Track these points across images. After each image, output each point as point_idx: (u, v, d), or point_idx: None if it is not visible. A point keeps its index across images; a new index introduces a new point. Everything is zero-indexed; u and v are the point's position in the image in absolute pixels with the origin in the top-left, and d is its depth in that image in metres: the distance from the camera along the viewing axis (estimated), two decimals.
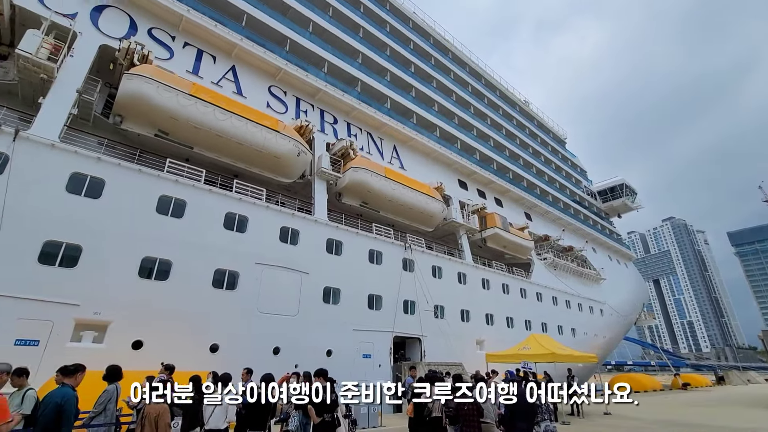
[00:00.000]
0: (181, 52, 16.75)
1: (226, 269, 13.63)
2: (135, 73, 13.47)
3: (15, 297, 9.68)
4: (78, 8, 14.19)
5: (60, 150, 11.59)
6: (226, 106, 15.33)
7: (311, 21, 22.51)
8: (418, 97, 28.08)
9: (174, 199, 13.27)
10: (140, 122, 14.05)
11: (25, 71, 11.94)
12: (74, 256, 10.98)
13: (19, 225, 10.18)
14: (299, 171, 17.92)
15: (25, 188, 10.60)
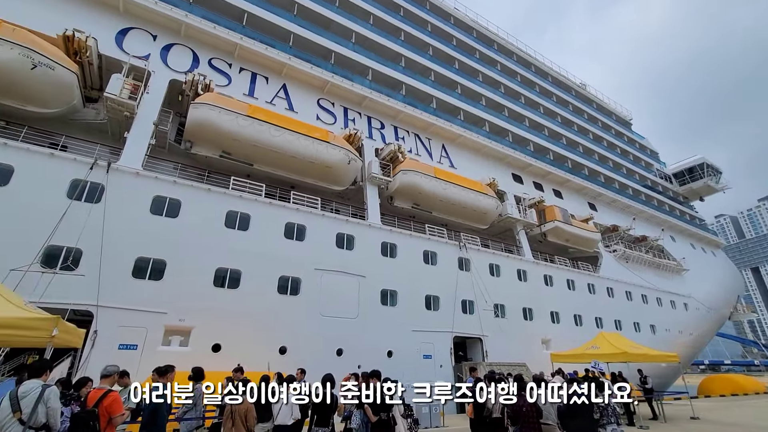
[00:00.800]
0: (237, 77, 18.13)
1: (289, 276, 14.51)
2: (200, 102, 14.88)
3: (117, 308, 11.14)
4: (150, 49, 16.00)
5: (143, 177, 13.15)
6: (280, 123, 16.35)
7: (353, 32, 23.17)
8: (464, 93, 27.63)
9: (239, 214, 14.42)
10: (207, 145, 15.47)
11: (112, 110, 13.73)
12: (160, 270, 12.38)
13: (116, 245, 11.70)
14: (351, 178, 18.54)
15: (118, 213, 12.18)
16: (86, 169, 12.15)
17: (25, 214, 11.00)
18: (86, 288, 10.92)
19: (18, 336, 5.09)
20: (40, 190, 11.48)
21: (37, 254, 10.44)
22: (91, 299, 10.89)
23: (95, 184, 12.10)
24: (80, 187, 11.89)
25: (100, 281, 11.05)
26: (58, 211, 11.19)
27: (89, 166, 12.20)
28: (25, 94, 12.50)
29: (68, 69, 12.90)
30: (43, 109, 12.96)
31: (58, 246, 10.98)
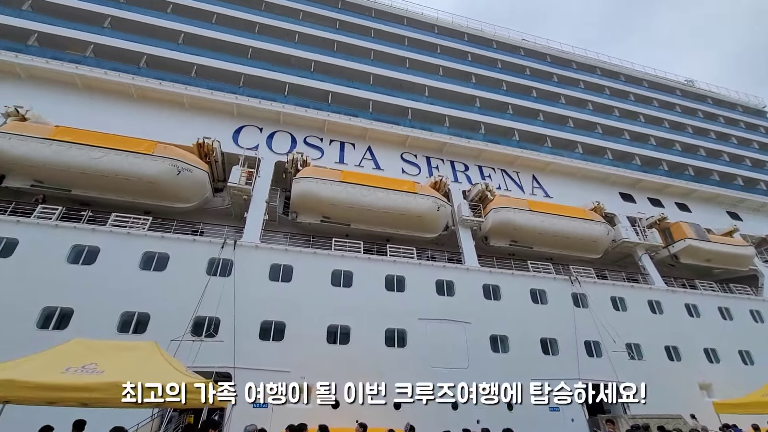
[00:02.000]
0: (328, 148, 20.27)
1: (395, 328, 14.74)
2: (300, 176, 16.90)
3: (249, 368, 12.46)
4: (258, 140, 18.99)
5: (261, 249, 15.09)
6: (369, 183, 17.59)
7: (425, 86, 24.53)
8: (548, 119, 26.62)
9: (343, 272, 15.44)
10: (309, 213, 17.25)
11: (234, 196, 16.35)
12: (281, 330, 13.66)
13: (245, 311, 13.36)
14: (442, 224, 18.70)
15: (245, 283, 14.00)
16: (218, 248, 14.44)
17: (178, 291, 13.32)
18: (225, 352, 12.51)
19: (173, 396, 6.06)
20: (187, 270, 13.89)
21: (188, 325, 12.44)
22: (229, 362, 12.40)
23: (226, 260, 14.25)
24: (215, 264, 14.10)
25: (235, 345, 12.59)
26: (200, 286, 13.36)
27: (220, 246, 14.48)
28: (173, 195, 15.69)
29: (202, 170, 15.97)
30: (186, 204, 16.05)
31: (203, 316, 12.95)
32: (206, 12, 22.95)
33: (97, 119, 16.70)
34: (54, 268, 12.75)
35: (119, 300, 12.65)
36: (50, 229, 13.36)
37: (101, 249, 13.39)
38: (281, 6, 25.35)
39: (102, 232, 13.74)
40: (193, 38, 21.28)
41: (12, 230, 12.95)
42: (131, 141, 15.40)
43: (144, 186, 15.12)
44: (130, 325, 12.49)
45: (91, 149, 14.56)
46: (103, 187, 15.11)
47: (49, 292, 12.27)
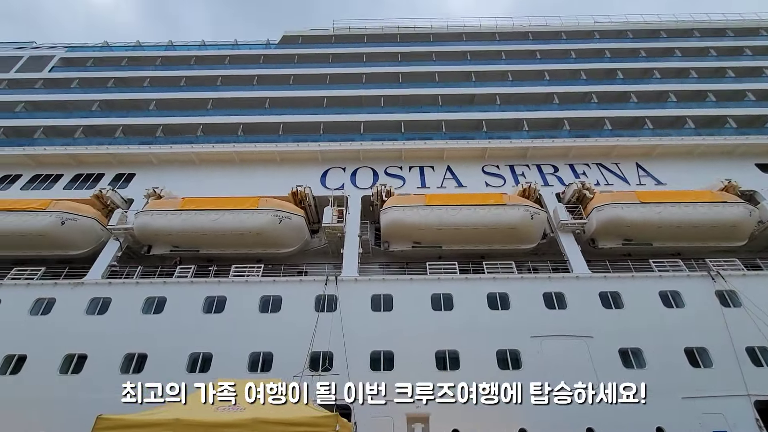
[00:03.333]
0: (409, 175, 20.71)
1: (506, 348, 13.91)
2: (387, 207, 17.47)
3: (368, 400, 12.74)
4: (343, 179, 20.25)
5: (360, 281, 15.71)
6: (454, 202, 17.42)
7: (496, 95, 23.96)
8: (642, 99, 23.87)
9: (442, 295, 15.23)
10: (400, 241, 17.60)
11: (330, 235, 17.49)
12: (390, 359, 13.84)
13: (354, 344, 13.86)
14: (539, 232, 17.55)
15: (350, 316, 14.61)
16: (323, 285, 15.41)
17: (293, 329, 14.40)
18: (342, 385, 13.03)
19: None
20: (298, 309, 15.02)
21: (306, 361, 13.32)
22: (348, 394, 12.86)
23: (331, 296, 15.11)
24: (322, 301, 15.02)
25: (350, 377, 13.06)
26: (311, 323, 14.30)
27: (324, 283, 15.45)
28: (278, 242, 17.36)
29: (299, 215, 17.49)
30: (289, 248, 17.62)
31: (317, 351, 13.76)
32: (284, 75, 25.84)
33: (211, 185, 19.54)
34: (193, 318, 14.83)
35: (247, 342, 14.12)
36: (187, 286, 15.68)
37: (227, 298, 15.25)
38: (347, 54, 27.41)
39: (226, 283, 15.68)
40: (277, 101, 24.04)
41: (161, 290, 15.48)
42: (239, 200, 17.59)
43: (253, 237, 17.02)
44: (258, 364, 13.80)
45: (210, 213, 16.97)
46: (223, 244, 17.38)
47: (192, 340, 14.24)
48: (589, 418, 12.57)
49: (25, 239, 16.99)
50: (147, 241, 17.78)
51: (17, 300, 15.20)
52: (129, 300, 15.21)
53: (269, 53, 28.13)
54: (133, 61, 28.39)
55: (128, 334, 14.37)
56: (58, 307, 15.09)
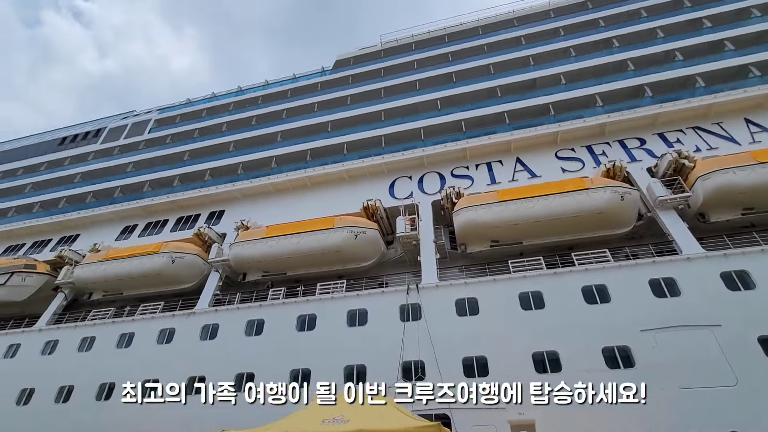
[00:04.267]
0: (476, 173, 20.12)
1: (613, 345, 12.61)
2: (458, 209, 17.12)
3: (463, 408, 12.39)
4: (411, 187, 20.33)
5: (441, 287, 15.48)
6: (529, 194, 16.47)
7: (560, 74, 22.46)
8: (741, 45, 20.53)
9: (530, 293, 14.36)
10: (476, 241, 17.09)
11: (405, 244, 17.60)
12: (483, 364, 13.33)
13: (444, 351, 13.62)
14: (632, 213, 15.82)
15: (435, 323, 14.41)
16: (404, 295, 15.48)
17: (381, 341, 14.59)
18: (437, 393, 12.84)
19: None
20: (383, 320, 15.22)
21: (398, 372, 13.40)
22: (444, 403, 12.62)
23: (414, 304, 15.09)
24: (405, 310, 15.06)
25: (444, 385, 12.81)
26: (397, 333, 14.40)
27: (405, 292, 15.50)
28: (356, 257, 17.91)
29: (373, 228, 17.89)
30: (367, 262, 18.06)
31: (408, 361, 13.78)
32: (341, 97, 26.99)
33: (290, 211, 20.89)
34: (289, 336, 15.80)
35: (340, 356, 14.64)
36: (280, 306, 16.80)
37: (317, 315, 16.03)
38: (398, 65, 27.86)
39: (314, 301, 16.51)
40: (338, 122, 25.12)
41: (258, 313, 16.79)
42: (316, 221, 18.55)
43: (333, 255, 17.76)
44: (353, 377, 14.21)
45: (292, 237, 18.12)
46: (306, 264, 18.40)
47: (290, 357, 15.15)
48: (732, 419, 10.82)
49: (145, 279, 19.69)
50: (242, 269, 19.49)
51: (147, 332, 17.58)
52: (233, 324, 16.73)
53: (325, 79, 29.63)
54: (210, 111, 31.83)
55: (236, 355, 15.79)
56: (178, 335, 17.14)
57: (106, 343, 17.72)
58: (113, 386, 16.25)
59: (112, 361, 17.10)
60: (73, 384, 16.75)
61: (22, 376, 17.73)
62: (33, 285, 21.76)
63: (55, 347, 18.39)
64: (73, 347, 18.05)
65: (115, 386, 16.22)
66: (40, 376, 17.48)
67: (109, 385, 16.34)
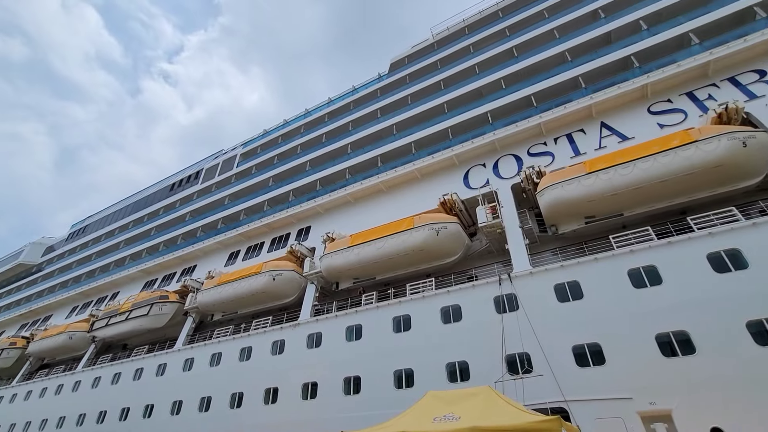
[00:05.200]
0: (556, 148, 18.64)
1: (761, 318, 10.66)
2: (541, 189, 16.02)
3: (583, 400, 11.48)
4: (486, 175, 19.55)
5: (536, 273, 14.58)
6: (623, 158, 14.77)
7: (639, 19, 19.84)
8: None
9: (641, 269, 12.82)
10: (568, 220, 15.81)
11: (489, 234, 16.98)
12: (598, 352, 12.19)
13: (550, 339, 12.79)
14: (762, 161, 13.26)
15: (535, 311, 13.59)
16: (497, 286, 14.91)
17: (478, 335, 14.21)
18: (549, 386, 12.09)
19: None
20: (479, 314, 14.81)
21: (503, 365, 12.91)
22: (557, 395, 11.83)
23: (508, 294, 14.46)
24: (500, 301, 14.49)
25: (556, 377, 12.02)
26: (495, 325, 13.90)
27: (498, 283, 14.92)
28: (440, 253, 17.75)
29: (453, 222, 17.58)
30: (453, 257, 17.79)
31: (512, 354, 13.21)
32: (401, 98, 27.12)
33: (370, 217, 21.51)
34: (387, 338, 16.19)
35: (439, 354, 14.59)
36: (375, 311, 17.31)
37: (411, 315, 16.21)
38: (453, 53, 27.17)
39: (407, 302, 16.71)
40: (402, 123, 25.31)
41: (355, 318, 17.51)
42: (397, 223, 18.82)
43: (417, 254, 17.82)
44: (456, 374, 14.05)
45: (375, 242, 18.60)
46: (393, 267, 18.73)
47: (391, 359, 15.49)
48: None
49: (253, 297, 21.81)
50: (333, 279, 20.55)
51: (262, 344, 19.42)
52: (334, 331, 17.69)
53: (383, 84, 30.07)
54: (285, 136, 34.33)
55: (340, 360, 16.65)
56: (288, 345, 18.63)
57: (231, 357, 19.97)
58: (242, 395, 18.25)
59: (238, 373, 19.21)
60: (210, 395, 19.16)
61: (172, 390, 20.80)
62: (168, 312, 25.49)
63: (192, 364, 21.25)
64: (205, 363, 20.69)
65: (243, 395, 18.21)
66: (185, 389, 20.33)
67: (239, 395, 18.37)
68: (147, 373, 22.75)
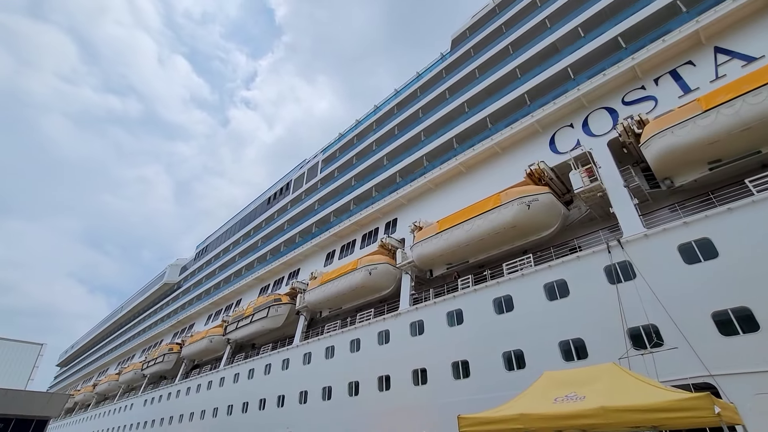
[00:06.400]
0: (659, 89, 16.15)
1: None
2: (646, 139, 14.04)
3: (739, 373, 9.90)
4: (575, 135, 17.78)
5: (653, 236, 12.87)
6: (750, 85, 12.19)
7: None
8: None
9: None
10: (686, 169, 13.67)
11: (588, 199, 15.45)
12: (747, 318, 10.38)
13: (678, 307, 11.25)
14: None
15: (656, 277, 12.05)
16: (605, 254, 13.54)
17: (592, 310, 13.09)
18: (685, 359, 10.66)
19: (678, 418, 5.33)
20: (587, 287, 13.63)
21: (626, 340, 11.73)
22: (699, 370, 10.38)
23: (622, 262, 13.04)
24: (613, 271, 13.13)
25: (695, 349, 10.54)
26: (608, 298, 12.66)
27: (606, 251, 13.55)
28: (535, 227, 16.68)
29: (545, 192, 16.39)
30: (549, 229, 16.61)
31: (635, 327, 11.93)
32: (468, 74, 25.96)
33: (453, 201, 21.13)
34: (490, 321, 15.82)
35: (549, 332, 13.83)
36: (473, 294, 17.03)
37: (512, 295, 15.60)
38: (517, 13, 25.07)
39: (505, 282, 16.12)
40: (472, 99, 24.22)
41: (454, 303, 17.42)
42: (482, 203, 18.20)
43: (510, 232, 17.02)
44: (572, 353, 13.17)
45: (463, 225, 18.23)
46: (485, 248, 18.17)
47: (497, 341, 15.13)
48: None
49: (353, 292, 23.04)
50: (426, 267, 20.69)
51: (368, 335, 20.45)
52: (435, 318, 17.86)
53: (447, 63, 29.08)
54: (359, 135, 35.36)
55: (445, 345, 16.75)
56: (392, 335, 19.32)
57: (343, 349, 21.42)
58: (358, 384, 19.49)
59: (351, 363, 20.54)
60: (330, 385, 20.83)
61: (297, 382, 23.11)
62: (283, 313, 28.26)
63: (310, 358, 23.31)
64: (321, 356, 22.52)
65: (359, 383, 19.44)
66: (308, 380, 22.41)
67: (355, 383, 19.66)
68: (274, 368, 25.59)
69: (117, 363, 59.85)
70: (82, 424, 55.26)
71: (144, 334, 54.85)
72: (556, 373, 7.72)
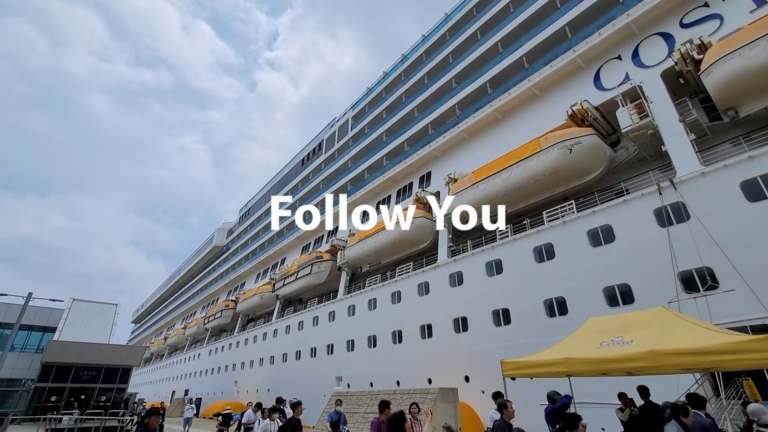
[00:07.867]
0: (723, 6, 14.18)
1: None
2: (709, 64, 12.58)
3: None
4: (623, 69, 16.22)
5: (710, 174, 11.92)
6: None
7: None
8: None
9: None
10: (755, 97, 12.24)
11: (637, 138, 14.38)
12: None
13: (737, 248, 10.59)
14: None
15: (713, 217, 11.30)
16: (656, 197, 12.76)
17: (639, 253, 12.61)
18: (742, 301, 10.19)
19: (734, 360, 5.16)
20: (633, 231, 13.06)
21: (676, 284, 11.32)
22: (759, 311, 9.91)
23: (674, 204, 12.27)
24: (664, 213, 12.43)
25: (754, 290, 10.01)
26: (657, 242, 12.10)
27: (657, 193, 12.75)
28: (578, 172, 15.87)
29: (588, 134, 15.39)
30: (594, 173, 15.78)
31: (687, 270, 11.44)
32: (502, 9, 23.86)
33: (490, 150, 20.38)
34: (530, 269, 15.71)
35: (592, 279, 13.60)
36: (512, 243, 16.84)
37: (553, 243, 15.29)
38: None
39: (546, 230, 15.75)
40: (508, 38, 22.43)
41: (493, 254, 17.38)
42: (521, 150, 17.47)
43: (551, 178, 16.33)
44: (617, 298, 12.95)
45: (500, 174, 17.70)
46: (525, 196, 17.63)
47: (538, 289, 15.10)
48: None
49: (392, 246, 23.50)
50: (463, 219, 20.50)
51: (409, 288, 21.09)
52: (474, 268, 17.99)
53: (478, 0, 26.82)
54: (387, 89, 34.17)
55: (485, 294, 16.97)
56: (432, 286, 19.79)
57: (385, 301, 22.31)
58: (401, 332, 20.44)
59: (393, 314, 21.44)
60: (375, 334, 21.99)
61: (343, 332, 24.60)
62: (325, 270, 29.56)
63: (354, 310, 24.52)
64: (364, 308, 23.62)
65: (402, 332, 20.38)
66: (353, 330, 23.77)
67: (398, 332, 20.62)
68: (322, 320, 27.26)
69: (182, 318, 66.09)
70: (159, 371, 62.61)
71: (202, 292, 59.67)
72: (601, 318, 7.65)
